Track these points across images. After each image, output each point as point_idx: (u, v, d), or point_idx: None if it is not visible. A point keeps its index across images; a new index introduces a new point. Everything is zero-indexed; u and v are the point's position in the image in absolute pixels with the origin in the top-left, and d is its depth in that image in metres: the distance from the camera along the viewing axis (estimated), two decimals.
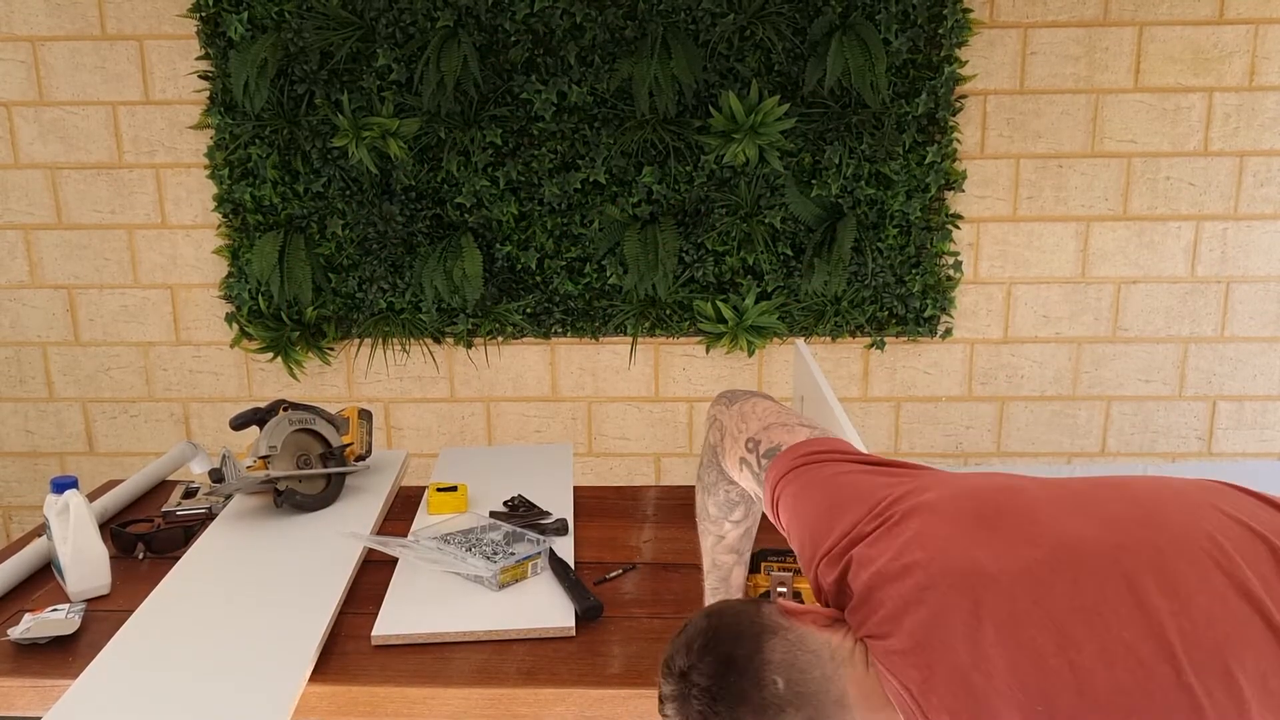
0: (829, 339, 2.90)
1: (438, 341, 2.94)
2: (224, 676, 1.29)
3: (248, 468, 1.75)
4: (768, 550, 1.48)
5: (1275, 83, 2.72)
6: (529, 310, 2.87)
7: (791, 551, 1.29)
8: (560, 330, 2.90)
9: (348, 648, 1.40)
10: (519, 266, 2.84)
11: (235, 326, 2.93)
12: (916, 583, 0.83)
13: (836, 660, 0.86)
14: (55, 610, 1.48)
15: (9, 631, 1.42)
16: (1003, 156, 2.78)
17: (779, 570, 1.44)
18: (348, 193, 2.78)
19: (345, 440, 1.88)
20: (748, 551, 1.35)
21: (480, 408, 2.99)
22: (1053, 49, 2.71)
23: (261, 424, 1.78)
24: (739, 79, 2.68)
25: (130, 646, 1.37)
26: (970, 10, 2.66)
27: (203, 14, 2.69)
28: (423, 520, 1.78)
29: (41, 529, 1.65)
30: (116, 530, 1.73)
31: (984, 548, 0.83)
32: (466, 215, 2.79)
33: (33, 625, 1.43)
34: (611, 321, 2.86)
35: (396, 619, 1.44)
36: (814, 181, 2.73)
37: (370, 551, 1.67)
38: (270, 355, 2.94)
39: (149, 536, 1.72)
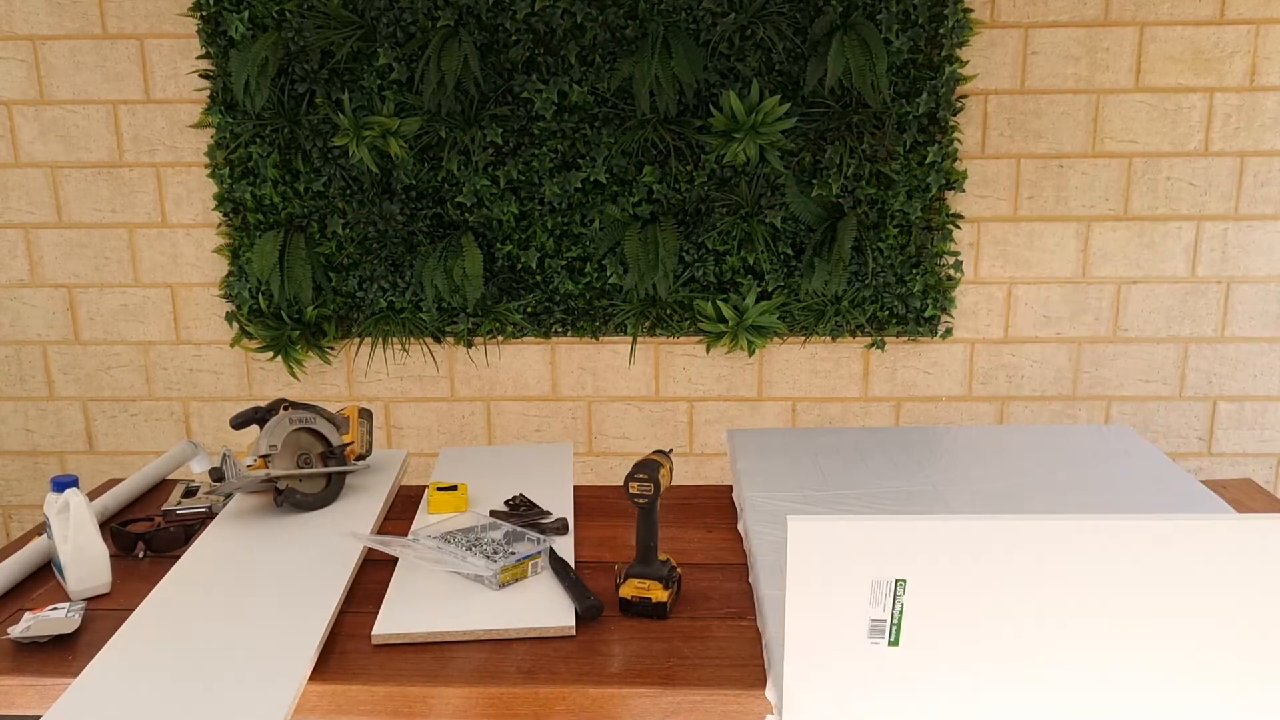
0: (829, 339, 2.90)
1: (438, 341, 2.94)
2: (224, 675, 1.29)
3: (248, 467, 1.75)
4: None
5: (1276, 83, 2.71)
6: (529, 310, 2.87)
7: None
8: (560, 330, 2.90)
9: (348, 647, 1.40)
10: (519, 266, 2.84)
11: (235, 325, 2.93)
12: None
13: None
14: (55, 609, 1.48)
15: (9, 630, 1.42)
16: (1003, 156, 2.78)
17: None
18: (348, 192, 2.78)
19: (345, 439, 1.88)
20: None
21: (480, 407, 2.99)
22: (1053, 49, 2.71)
23: (262, 423, 1.78)
24: (740, 78, 2.68)
25: (130, 645, 1.37)
26: (971, 10, 2.66)
27: (203, 13, 2.69)
28: (423, 519, 1.78)
29: (42, 528, 1.65)
30: (117, 529, 1.73)
31: None
32: (467, 214, 2.79)
33: (33, 624, 1.43)
34: (612, 321, 2.86)
35: (396, 618, 1.44)
36: (814, 181, 2.73)
37: (370, 551, 1.67)
38: (270, 354, 2.94)
39: (149, 535, 1.72)
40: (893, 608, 1.17)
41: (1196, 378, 2.92)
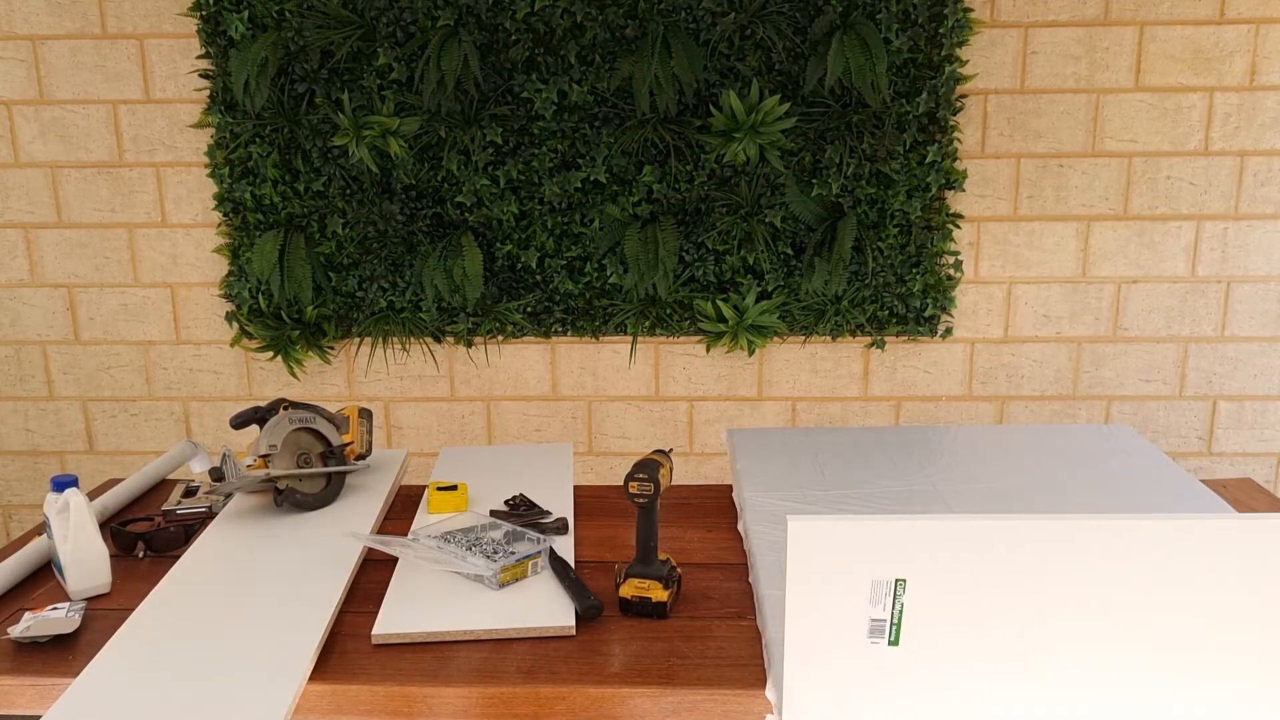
0: (829, 338, 2.90)
1: (438, 340, 2.94)
2: (224, 675, 1.29)
3: (248, 466, 1.75)
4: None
5: (1276, 82, 2.71)
6: (529, 309, 2.87)
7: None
8: (560, 329, 2.90)
9: (348, 647, 1.40)
10: (519, 265, 2.84)
11: (235, 325, 2.93)
12: None
13: None
14: (55, 609, 1.48)
15: (9, 630, 1.42)
16: (1003, 156, 2.78)
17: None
18: (348, 192, 2.78)
19: (345, 439, 1.88)
20: None
21: (480, 407, 2.99)
22: (1053, 48, 2.70)
23: (262, 423, 1.78)
24: (739, 78, 2.68)
25: (130, 645, 1.37)
26: (971, 10, 2.66)
27: (203, 13, 2.69)
28: (423, 519, 1.78)
29: (41, 528, 1.65)
30: (117, 529, 1.73)
31: None
32: (467, 214, 2.79)
33: (33, 624, 1.43)
34: (612, 321, 2.86)
35: (397, 618, 1.44)
36: (814, 181, 2.73)
37: (370, 551, 1.67)
38: (270, 354, 2.94)
39: (149, 535, 1.72)
40: (893, 608, 1.17)
41: (1196, 377, 2.92)
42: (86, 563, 1.55)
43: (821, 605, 1.17)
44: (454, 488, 1.81)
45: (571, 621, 1.43)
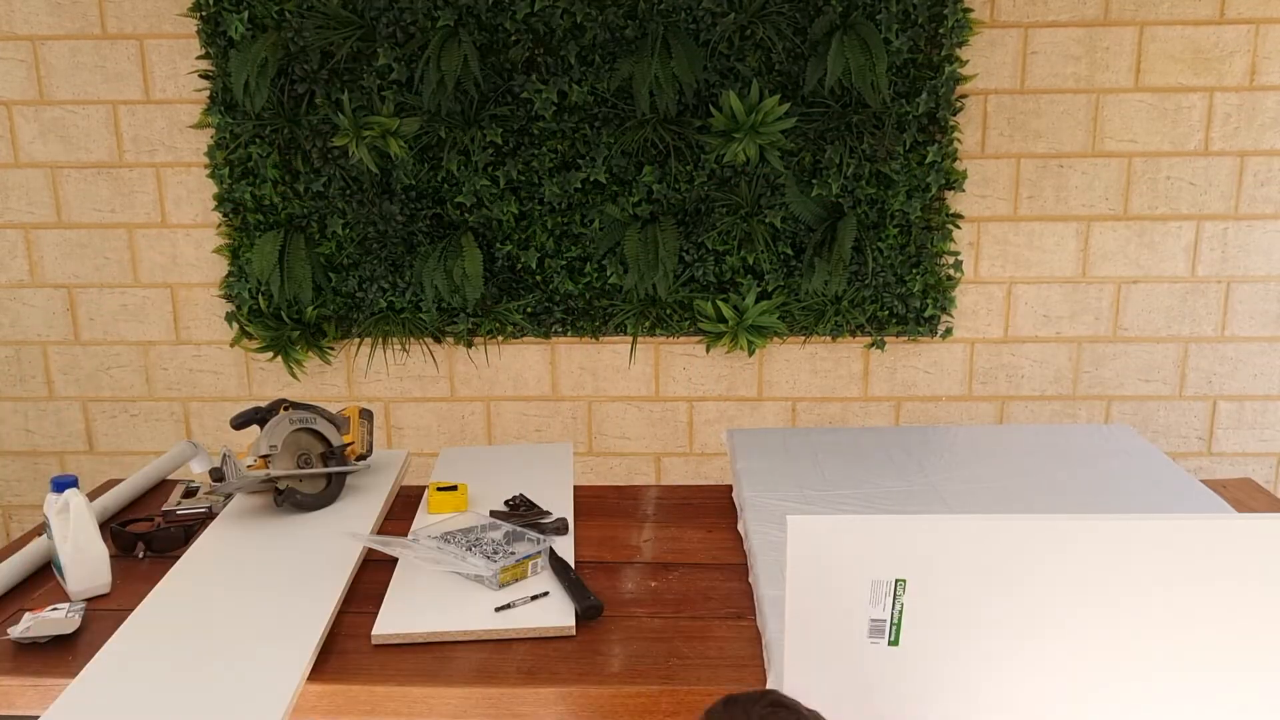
0: (829, 338, 2.90)
1: (438, 341, 2.94)
2: (223, 675, 1.29)
3: (248, 467, 1.75)
4: None
5: (1276, 82, 2.71)
6: (529, 309, 2.87)
7: None
8: (560, 330, 2.90)
9: (347, 647, 1.40)
10: (519, 266, 2.83)
11: (235, 326, 2.93)
12: None
13: None
14: (55, 609, 1.48)
15: (9, 630, 1.42)
16: (1003, 156, 2.78)
17: None
18: (348, 192, 2.78)
19: (346, 439, 1.88)
20: None
21: (480, 407, 2.99)
22: (1053, 49, 2.70)
23: (262, 423, 1.78)
24: (739, 78, 2.68)
25: (130, 645, 1.37)
26: (971, 10, 2.66)
27: (203, 13, 2.69)
28: (423, 519, 1.78)
29: (41, 528, 1.65)
30: (117, 529, 1.73)
31: None
32: (467, 214, 2.79)
33: (33, 624, 1.43)
34: (612, 321, 2.86)
35: (396, 618, 1.44)
36: (814, 181, 2.73)
37: (370, 551, 1.67)
38: (270, 354, 2.94)
39: (149, 536, 1.72)
40: (893, 608, 1.17)
41: (1196, 377, 2.92)
42: (86, 563, 1.55)
43: (821, 605, 1.17)
44: (454, 488, 1.81)
45: (571, 621, 1.43)
